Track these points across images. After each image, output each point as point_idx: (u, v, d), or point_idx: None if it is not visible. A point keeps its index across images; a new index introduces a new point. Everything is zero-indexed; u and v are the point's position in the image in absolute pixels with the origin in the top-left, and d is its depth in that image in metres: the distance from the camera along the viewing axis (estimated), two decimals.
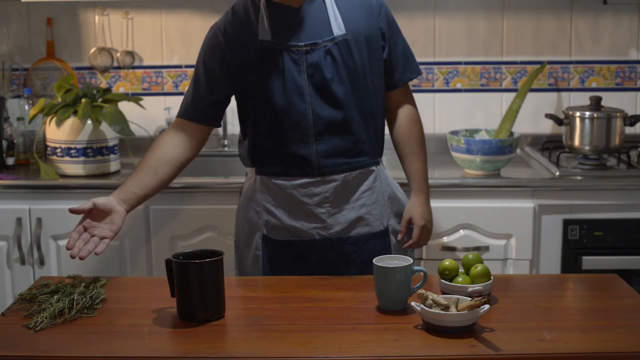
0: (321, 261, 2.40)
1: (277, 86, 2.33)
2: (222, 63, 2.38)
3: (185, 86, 3.68)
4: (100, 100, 3.28)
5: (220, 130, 3.68)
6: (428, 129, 3.69)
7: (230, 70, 2.38)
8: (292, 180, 2.39)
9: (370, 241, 2.42)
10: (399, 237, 2.45)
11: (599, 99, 3.37)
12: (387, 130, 2.53)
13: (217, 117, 2.47)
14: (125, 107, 3.37)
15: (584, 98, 3.61)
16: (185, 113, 2.46)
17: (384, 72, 2.44)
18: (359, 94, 2.37)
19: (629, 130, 3.54)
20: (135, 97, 3.41)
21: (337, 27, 2.34)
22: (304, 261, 2.41)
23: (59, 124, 3.21)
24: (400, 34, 2.47)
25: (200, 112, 2.43)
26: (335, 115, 2.35)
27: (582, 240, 3.13)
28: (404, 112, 2.50)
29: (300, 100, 2.33)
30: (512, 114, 3.33)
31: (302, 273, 2.37)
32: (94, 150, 3.23)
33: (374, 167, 2.45)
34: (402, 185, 2.59)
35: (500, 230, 3.13)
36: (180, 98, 3.68)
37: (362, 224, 2.42)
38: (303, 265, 2.40)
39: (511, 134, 3.31)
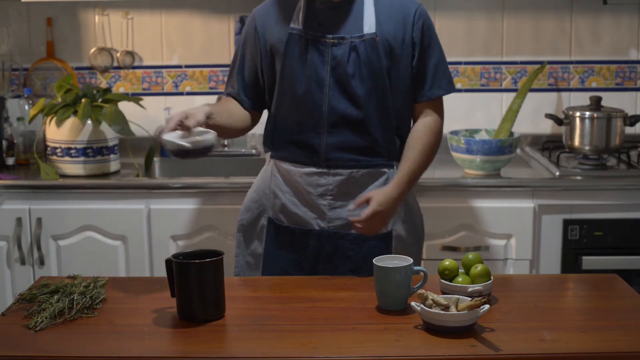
0: (317, 252, 2.42)
1: (298, 74, 2.37)
2: (255, 45, 2.44)
3: (185, 86, 3.68)
4: (100, 100, 3.28)
5: None
6: None
7: (261, 52, 2.43)
8: (300, 168, 2.42)
9: (369, 241, 2.41)
10: (349, 206, 2.35)
11: (599, 99, 3.37)
12: None
13: (256, 101, 2.50)
14: (125, 107, 3.37)
15: (584, 98, 3.61)
16: (229, 92, 2.51)
17: (411, 83, 2.43)
18: (379, 95, 2.38)
19: (629, 130, 3.54)
20: (135, 97, 3.41)
21: (369, 26, 2.36)
22: (299, 249, 2.43)
23: (59, 124, 3.21)
24: (436, 49, 2.44)
25: (238, 94, 2.49)
26: (351, 111, 2.37)
27: (582, 240, 3.13)
28: (423, 121, 2.44)
29: (319, 90, 2.37)
30: (512, 114, 3.33)
31: (296, 261, 2.40)
32: (94, 150, 3.23)
33: (386, 169, 2.43)
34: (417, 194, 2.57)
35: (500, 230, 3.13)
36: (180, 98, 3.71)
37: None
38: (298, 254, 2.43)
39: (511, 134, 3.31)
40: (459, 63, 3.67)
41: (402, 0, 2.42)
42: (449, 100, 3.69)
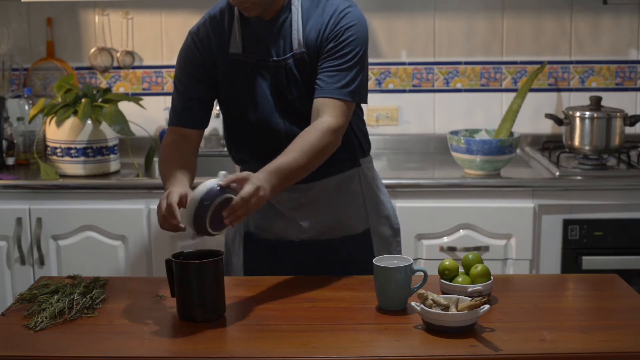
0: (299, 263, 2.37)
1: (248, 101, 2.29)
2: (199, 68, 2.32)
3: None
4: (100, 100, 3.28)
5: (220, 130, 3.68)
6: (428, 129, 3.70)
7: (206, 75, 2.32)
8: None
9: (349, 243, 2.39)
10: (223, 180, 2.01)
11: (599, 99, 3.37)
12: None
13: (201, 120, 2.36)
14: (125, 107, 3.37)
15: (584, 98, 3.61)
16: (173, 120, 2.36)
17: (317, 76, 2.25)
18: None
19: (629, 130, 3.54)
20: (135, 97, 3.41)
21: (297, 43, 2.26)
22: (281, 262, 2.38)
23: (59, 124, 3.21)
24: (352, 55, 2.23)
25: (184, 116, 2.34)
26: None
27: (582, 240, 3.13)
28: (316, 121, 2.20)
29: (272, 115, 2.29)
30: (512, 114, 3.33)
31: (279, 274, 2.34)
32: (94, 150, 3.23)
33: (353, 170, 2.39)
34: (387, 186, 2.54)
35: (500, 230, 3.13)
36: None
37: (340, 227, 2.38)
38: (281, 266, 2.37)
39: (511, 134, 3.31)
40: (459, 63, 3.67)
41: (325, 6, 2.27)
42: (449, 100, 3.72)
